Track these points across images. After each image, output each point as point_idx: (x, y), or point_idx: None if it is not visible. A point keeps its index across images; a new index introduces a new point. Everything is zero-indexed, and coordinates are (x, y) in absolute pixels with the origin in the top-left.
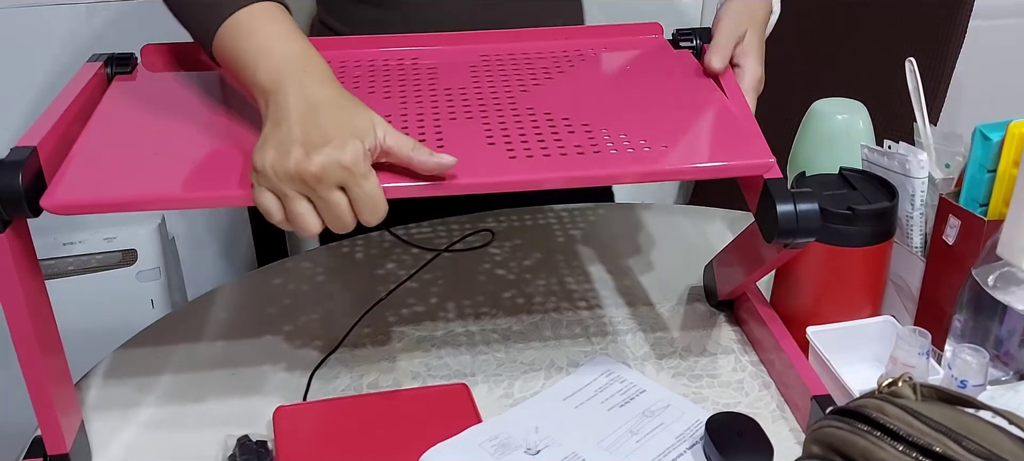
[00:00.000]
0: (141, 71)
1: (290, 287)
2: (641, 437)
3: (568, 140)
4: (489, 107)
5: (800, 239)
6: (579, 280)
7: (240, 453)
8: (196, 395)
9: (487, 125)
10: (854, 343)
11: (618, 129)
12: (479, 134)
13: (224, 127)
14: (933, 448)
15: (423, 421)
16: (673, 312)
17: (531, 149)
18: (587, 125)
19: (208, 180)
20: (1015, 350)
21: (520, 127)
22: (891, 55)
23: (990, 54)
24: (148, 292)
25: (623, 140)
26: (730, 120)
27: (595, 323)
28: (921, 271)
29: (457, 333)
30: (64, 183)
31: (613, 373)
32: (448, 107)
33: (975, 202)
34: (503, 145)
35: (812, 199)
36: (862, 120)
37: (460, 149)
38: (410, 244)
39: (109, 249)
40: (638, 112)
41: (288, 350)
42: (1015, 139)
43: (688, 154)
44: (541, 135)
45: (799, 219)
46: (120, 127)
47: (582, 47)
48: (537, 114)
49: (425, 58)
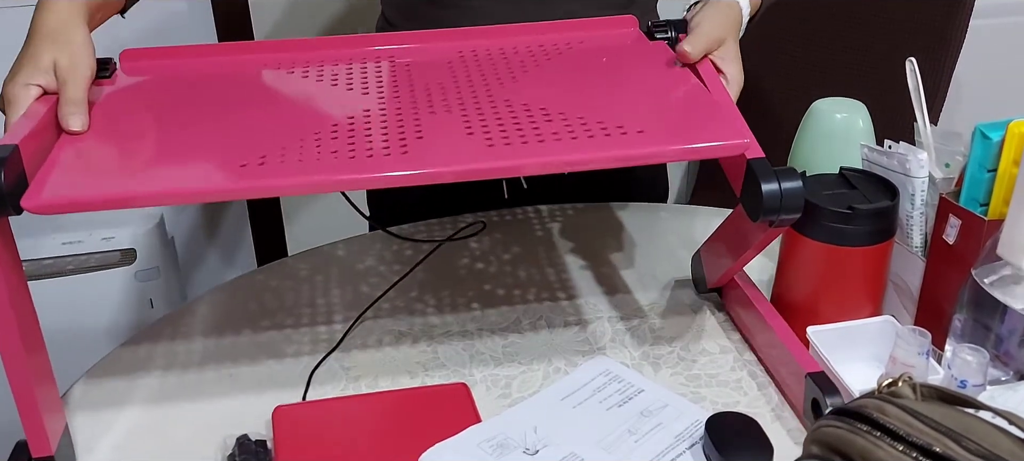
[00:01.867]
0: (120, 75)
1: (289, 287)
2: (639, 437)
3: (545, 128)
4: (467, 101)
5: (785, 216)
6: (578, 280)
7: (239, 453)
8: (195, 394)
9: (466, 117)
10: (854, 343)
11: (595, 116)
12: (458, 126)
13: (203, 127)
14: (933, 448)
15: (422, 421)
16: (672, 312)
17: (509, 137)
18: (564, 114)
19: (188, 175)
20: (1015, 350)
21: (498, 118)
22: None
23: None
24: (147, 292)
25: (600, 126)
26: (707, 103)
27: (594, 323)
28: (921, 271)
29: (456, 333)
30: (46, 183)
31: (611, 373)
32: (426, 102)
33: (975, 202)
34: (482, 135)
35: (795, 177)
36: (862, 120)
37: (439, 140)
38: (405, 239)
39: (108, 249)
40: (615, 100)
41: (287, 350)
42: (1015, 139)
43: (665, 137)
44: (519, 124)
45: (783, 197)
46: (100, 129)
47: (558, 41)
48: (515, 105)
49: (403, 56)
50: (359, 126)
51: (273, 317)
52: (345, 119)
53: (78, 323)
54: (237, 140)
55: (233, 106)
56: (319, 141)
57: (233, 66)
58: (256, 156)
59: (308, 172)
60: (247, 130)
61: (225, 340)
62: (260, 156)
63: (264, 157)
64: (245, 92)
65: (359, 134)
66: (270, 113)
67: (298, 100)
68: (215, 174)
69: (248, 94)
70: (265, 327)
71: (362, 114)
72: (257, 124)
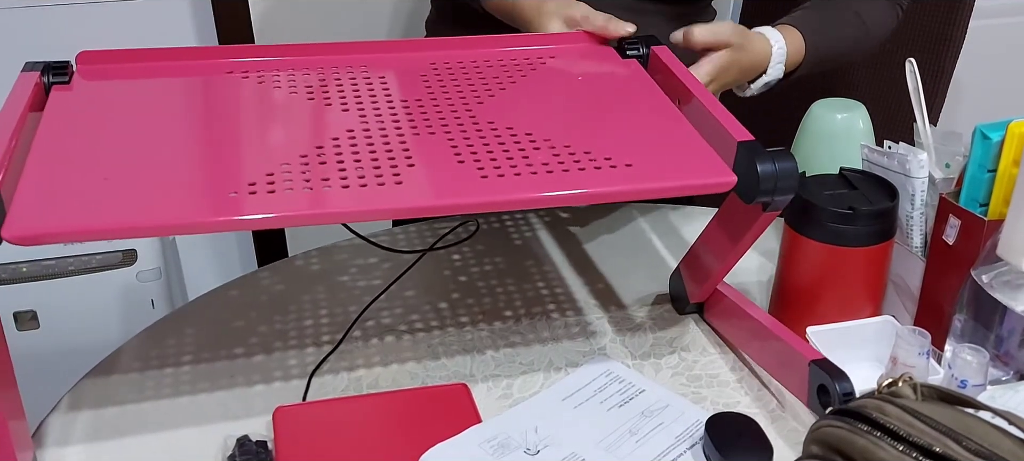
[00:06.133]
0: (78, 80)
1: (290, 287)
2: (640, 437)
3: (535, 157)
4: (450, 121)
5: (779, 198)
6: (576, 280)
7: (240, 453)
8: (195, 395)
9: (452, 141)
10: (854, 343)
11: (580, 145)
12: (446, 151)
13: (182, 144)
14: (933, 448)
15: (423, 421)
16: (672, 312)
17: (501, 167)
18: (550, 141)
19: (178, 204)
20: (1015, 350)
21: (486, 143)
22: (891, 55)
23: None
24: (148, 292)
25: (589, 157)
26: (687, 136)
27: (594, 323)
28: (921, 271)
29: (456, 333)
30: (24, 212)
31: (612, 373)
32: (409, 120)
33: (975, 202)
34: (472, 163)
35: (789, 157)
36: (862, 120)
37: (431, 167)
38: (399, 251)
39: (109, 249)
40: (595, 127)
41: (287, 350)
42: (1015, 139)
43: (652, 173)
44: (508, 152)
45: (779, 176)
46: (71, 145)
47: (530, 56)
48: (499, 129)
49: (375, 66)
50: (346, 147)
51: (273, 317)
52: (330, 140)
53: (79, 323)
54: (220, 162)
55: (209, 120)
56: (307, 166)
57: (202, 72)
58: (244, 182)
59: (300, 204)
60: (228, 150)
61: (225, 340)
62: (248, 183)
63: (253, 184)
64: (219, 104)
65: (348, 158)
66: (249, 130)
67: (277, 115)
68: (206, 202)
69: (222, 106)
70: (265, 327)
71: (346, 135)
72: (236, 143)
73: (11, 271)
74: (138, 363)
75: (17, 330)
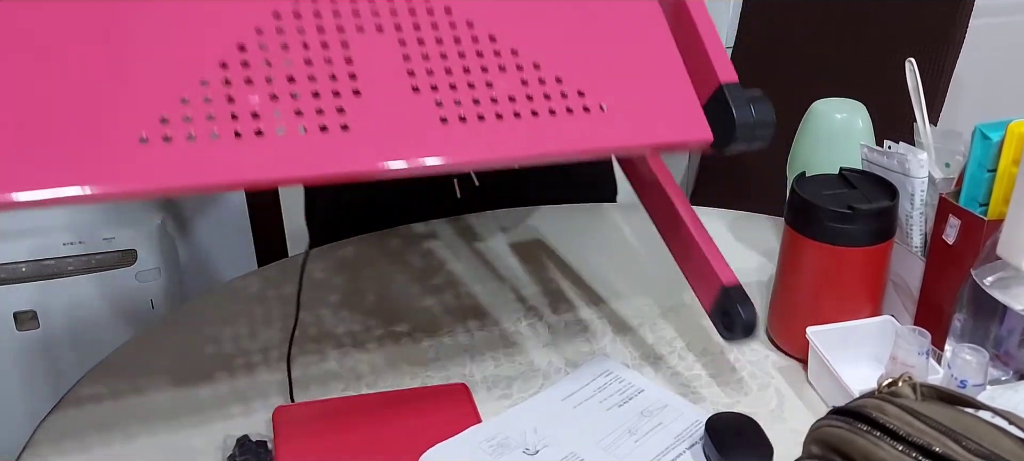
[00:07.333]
0: None
1: (290, 287)
2: (640, 437)
3: (499, 85)
4: (402, 15)
5: (756, 143)
6: (576, 280)
7: (239, 453)
8: (195, 394)
9: (405, 49)
10: (854, 343)
11: (552, 70)
12: (397, 67)
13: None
14: (933, 448)
15: (422, 421)
16: (671, 312)
17: (461, 102)
18: (517, 56)
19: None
20: (1015, 350)
21: (443, 56)
22: (891, 55)
23: (990, 53)
24: (148, 292)
25: (560, 89)
26: (677, 83)
27: (593, 323)
28: (921, 271)
29: (456, 333)
30: None
31: (611, 373)
32: (351, 6)
33: (975, 202)
34: (430, 96)
35: (767, 102)
36: (862, 120)
37: (383, 102)
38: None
39: (109, 249)
40: (578, 50)
41: (288, 350)
42: (1015, 138)
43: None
44: (470, 75)
45: (756, 124)
46: None
47: None
48: (480, 36)
49: None
50: (276, 59)
51: (274, 317)
52: (256, 44)
53: (79, 323)
54: (119, 93)
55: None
56: (231, 93)
57: None
58: (153, 121)
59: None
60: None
61: (225, 340)
62: (159, 117)
63: (165, 119)
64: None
65: (280, 84)
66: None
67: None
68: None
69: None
70: (266, 327)
71: (265, 34)
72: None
73: (11, 271)
74: (138, 363)
75: (17, 330)
